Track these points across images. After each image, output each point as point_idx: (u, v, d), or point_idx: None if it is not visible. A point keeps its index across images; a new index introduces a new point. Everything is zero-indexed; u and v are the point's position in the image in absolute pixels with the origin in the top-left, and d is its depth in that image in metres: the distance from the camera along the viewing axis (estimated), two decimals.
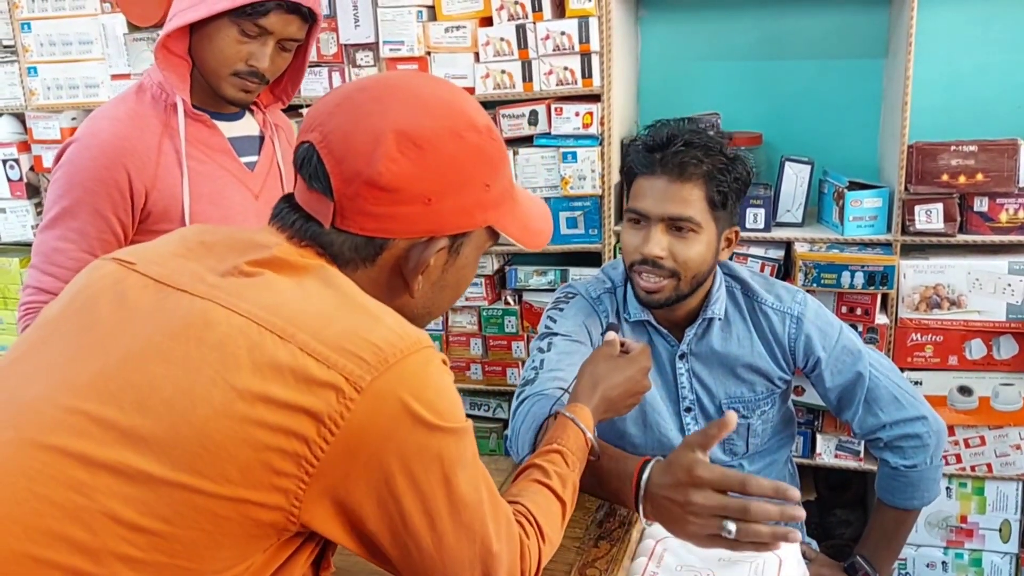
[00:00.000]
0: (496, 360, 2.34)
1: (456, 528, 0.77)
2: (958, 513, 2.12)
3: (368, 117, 0.80)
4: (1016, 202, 1.93)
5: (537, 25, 2.07)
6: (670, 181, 1.36)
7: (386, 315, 0.77)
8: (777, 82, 2.25)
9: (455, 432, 0.76)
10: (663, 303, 1.40)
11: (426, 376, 0.74)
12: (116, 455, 0.68)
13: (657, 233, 1.36)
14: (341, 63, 2.22)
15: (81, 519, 0.66)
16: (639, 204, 1.39)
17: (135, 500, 0.67)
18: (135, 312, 0.76)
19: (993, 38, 2.09)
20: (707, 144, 1.37)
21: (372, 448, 0.71)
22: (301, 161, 0.82)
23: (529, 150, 2.15)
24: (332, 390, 0.69)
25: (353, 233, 0.80)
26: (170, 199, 1.40)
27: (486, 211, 0.84)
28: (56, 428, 0.69)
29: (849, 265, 1.96)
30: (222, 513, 0.68)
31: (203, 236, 0.85)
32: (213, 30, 1.36)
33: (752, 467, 1.54)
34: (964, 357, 2.00)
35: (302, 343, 0.70)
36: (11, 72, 2.41)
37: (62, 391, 0.72)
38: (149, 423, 0.69)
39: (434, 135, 0.80)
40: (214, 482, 0.68)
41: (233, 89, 1.41)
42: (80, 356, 0.74)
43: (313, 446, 0.69)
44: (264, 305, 0.73)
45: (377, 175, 0.78)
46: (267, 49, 1.37)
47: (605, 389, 1.15)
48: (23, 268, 2.54)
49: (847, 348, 1.49)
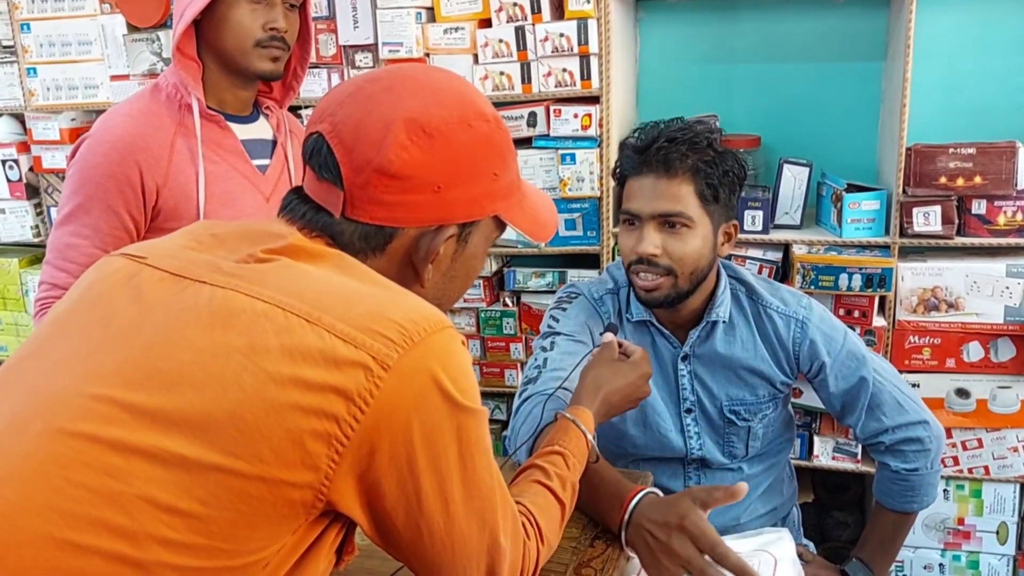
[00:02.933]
0: (494, 361, 2.34)
1: (468, 513, 0.78)
2: (955, 515, 2.13)
3: (379, 106, 0.81)
4: (1014, 205, 1.93)
5: (536, 27, 2.07)
6: (657, 178, 1.36)
7: (406, 296, 0.78)
8: (776, 84, 2.25)
9: (476, 414, 0.77)
10: (662, 301, 1.40)
11: (450, 353, 0.75)
12: (149, 439, 0.68)
13: (650, 232, 1.36)
14: (340, 64, 2.23)
15: (118, 504, 0.67)
16: (630, 205, 1.39)
17: (171, 483, 0.68)
18: (154, 304, 0.76)
19: (991, 41, 2.09)
20: (692, 139, 1.36)
21: (399, 424, 0.72)
22: (311, 151, 0.83)
23: (528, 151, 2.16)
24: (361, 369, 0.70)
25: (363, 222, 0.81)
26: (181, 197, 1.41)
27: (494, 201, 0.86)
28: (85, 416, 0.70)
29: (847, 267, 1.97)
30: (256, 494, 0.69)
31: (212, 229, 0.85)
32: (224, 12, 1.39)
33: (751, 470, 1.54)
34: (962, 359, 2.00)
35: (328, 325, 0.71)
36: (10, 73, 2.42)
37: (87, 381, 0.72)
38: (180, 408, 0.69)
39: (444, 124, 0.81)
40: (248, 463, 0.68)
41: (262, 60, 1.42)
42: (101, 348, 0.74)
43: (343, 424, 0.70)
44: (286, 290, 0.74)
45: (388, 162, 0.79)
46: (278, 9, 1.41)
47: (607, 393, 1.17)
48: (22, 269, 2.54)
49: (852, 353, 1.48)
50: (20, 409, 0.73)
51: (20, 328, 2.60)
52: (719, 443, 1.51)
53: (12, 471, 0.69)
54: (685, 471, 1.53)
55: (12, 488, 0.68)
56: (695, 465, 1.52)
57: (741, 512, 1.53)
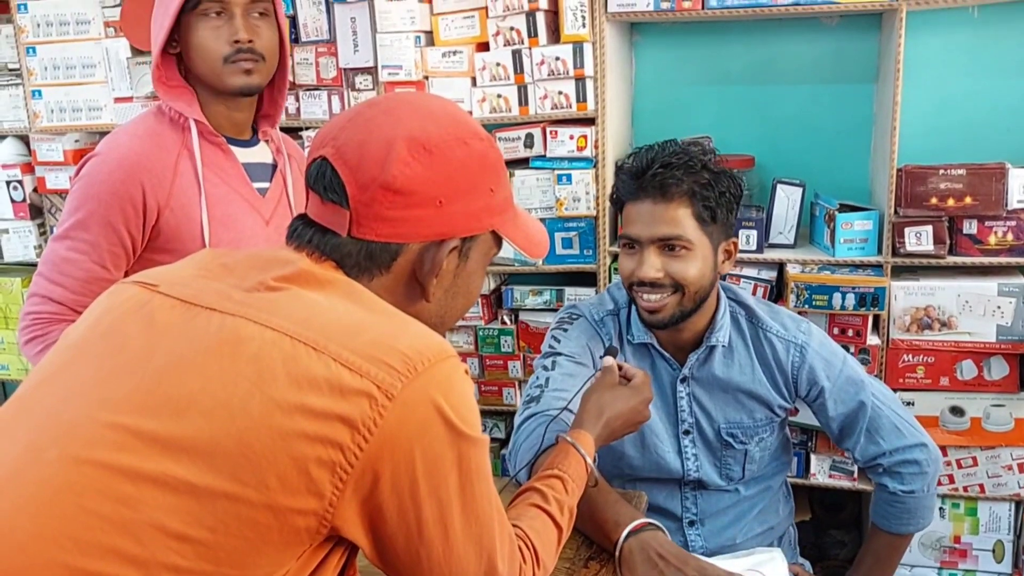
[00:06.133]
0: (492, 380, 2.35)
1: (466, 539, 0.80)
2: (951, 534, 2.13)
3: (379, 127, 0.85)
4: (1004, 225, 1.95)
5: (533, 51, 2.10)
6: (654, 203, 1.38)
7: (412, 324, 0.80)
8: (769, 106, 2.28)
9: (477, 442, 0.79)
10: (667, 322, 1.41)
11: (453, 383, 0.77)
12: (159, 467, 0.70)
13: (650, 256, 1.38)
14: (340, 87, 2.26)
15: (130, 531, 0.69)
16: (630, 230, 1.41)
17: (180, 511, 0.69)
18: (165, 332, 0.78)
19: (980, 64, 2.12)
20: (687, 163, 1.38)
21: (402, 452, 0.74)
22: (315, 176, 0.86)
23: (525, 172, 2.19)
24: (365, 397, 0.72)
25: (368, 240, 0.84)
26: (183, 218, 1.42)
27: (492, 215, 0.89)
28: (98, 443, 0.72)
29: (840, 287, 1.99)
30: (262, 521, 0.71)
31: (222, 258, 0.87)
32: (189, 38, 1.40)
33: (747, 492, 1.55)
34: (955, 378, 2.02)
35: (335, 354, 0.73)
36: (15, 95, 2.45)
37: (100, 408, 0.74)
38: (189, 434, 0.71)
39: (442, 141, 0.85)
40: (255, 490, 0.70)
41: (234, 76, 1.41)
42: (113, 376, 0.76)
43: (347, 452, 0.71)
44: (294, 318, 0.76)
45: (391, 178, 0.82)
46: (236, 21, 1.39)
47: (609, 418, 1.19)
48: (25, 288, 2.56)
49: (850, 379, 1.50)
50: (36, 435, 0.75)
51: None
52: (716, 465, 1.52)
53: (28, 498, 0.70)
54: (682, 492, 1.54)
55: (27, 515, 0.70)
56: (691, 486, 1.53)
57: (737, 532, 1.54)
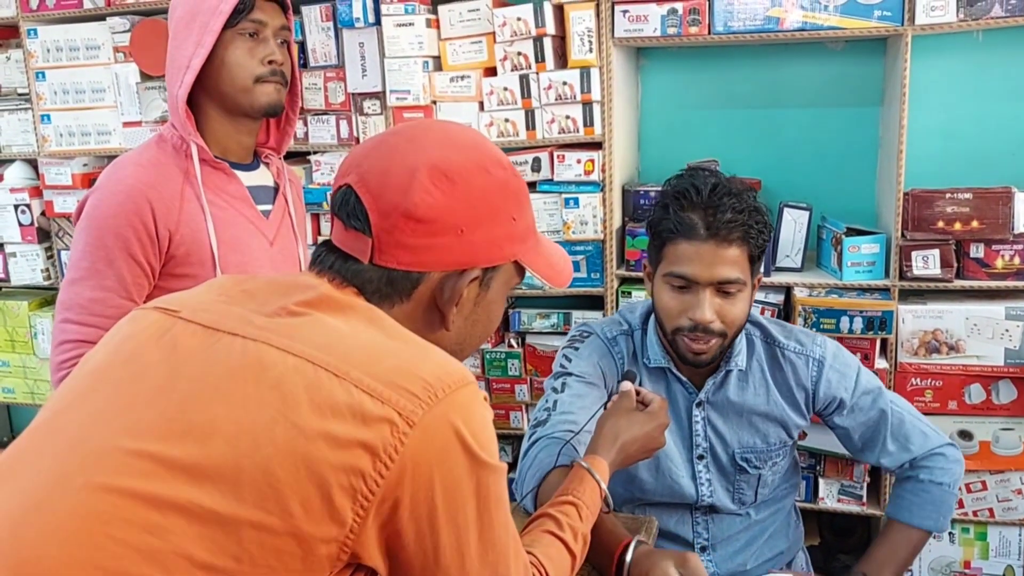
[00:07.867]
0: (499, 403, 2.35)
1: (482, 566, 0.80)
2: (961, 559, 2.12)
3: (403, 155, 0.85)
4: (1012, 248, 1.96)
5: (540, 75, 2.12)
6: (717, 245, 1.34)
7: (432, 351, 0.80)
8: (775, 130, 2.30)
9: (495, 469, 0.79)
10: (710, 361, 1.42)
11: (473, 410, 0.77)
12: (185, 495, 0.70)
13: (708, 298, 1.36)
14: (348, 111, 2.27)
15: (157, 560, 0.69)
16: (685, 269, 1.36)
17: (206, 539, 0.69)
18: (188, 358, 0.78)
19: (986, 88, 2.14)
20: (750, 207, 1.36)
21: (422, 479, 0.74)
22: (340, 203, 0.86)
23: (532, 196, 2.19)
24: (387, 424, 0.72)
25: (390, 268, 0.84)
26: (192, 243, 1.42)
27: (513, 244, 0.89)
28: (124, 471, 0.72)
29: (848, 310, 1.99)
30: (286, 549, 0.71)
31: (243, 284, 0.87)
32: (223, 55, 1.41)
33: (758, 515, 1.55)
34: (964, 402, 2.02)
35: (356, 380, 0.73)
36: (25, 119, 2.47)
37: (124, 436, 0.74)
38: (214, 462, 0.71)
39: (464, 169, 0.85)
40: (279, 518, 0.70)
41: (265, 96, 1.44)
42: (137, 403, 0.76)
43: (369, 480, 0.72)
44: (316, 344, 0.76)
45: (413, 206, 0.82)
46: (271, 43, 1.44)
47: (624, 443, 1.19)
48: (32, 311, 2.57)
49: (867, 388, 1.51)
50: (60, 464, 0.74)
51: (28, 370, 2.61)
52: (729, 490, 1.52)
53: (57, 526, 0.70)
54: (693, 517, 1.53)
55: (56, 544, 0.69)
56: (703, 511, 1.53)
57: (748, 558, 1.53)
